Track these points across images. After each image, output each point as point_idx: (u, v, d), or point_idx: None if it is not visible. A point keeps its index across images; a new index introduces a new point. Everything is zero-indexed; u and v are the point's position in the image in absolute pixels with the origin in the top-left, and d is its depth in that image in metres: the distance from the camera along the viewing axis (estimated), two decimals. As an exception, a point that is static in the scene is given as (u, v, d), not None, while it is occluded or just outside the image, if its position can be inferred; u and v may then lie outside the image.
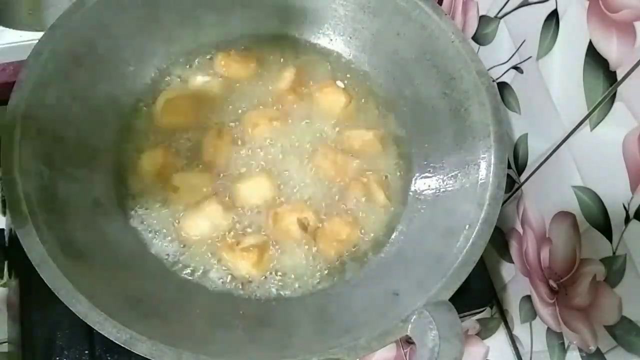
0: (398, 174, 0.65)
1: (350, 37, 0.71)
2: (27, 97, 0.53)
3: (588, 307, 0.56)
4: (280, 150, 0.64)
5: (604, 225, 0.52)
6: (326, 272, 0.59)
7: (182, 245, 0.58)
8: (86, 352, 0.55)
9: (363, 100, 0.69)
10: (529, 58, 0.59)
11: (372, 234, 0.61)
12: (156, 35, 0.66)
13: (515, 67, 0.62)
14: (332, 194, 0.62)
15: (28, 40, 0.68)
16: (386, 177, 0.64)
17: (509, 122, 0.65)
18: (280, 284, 0.57)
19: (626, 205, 0.49)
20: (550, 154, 0.58)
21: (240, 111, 0.66)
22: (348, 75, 0.70)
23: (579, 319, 0.57)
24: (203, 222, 0.58)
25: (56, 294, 0.45)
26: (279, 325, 0.54)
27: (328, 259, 0.59)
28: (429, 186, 0.63)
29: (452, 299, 0.49)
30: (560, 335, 0.61)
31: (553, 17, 0.54)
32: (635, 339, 0.50)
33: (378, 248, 0.60)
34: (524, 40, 0.59)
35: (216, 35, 0.70)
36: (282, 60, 0.70)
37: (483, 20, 0.67)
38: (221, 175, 0.62)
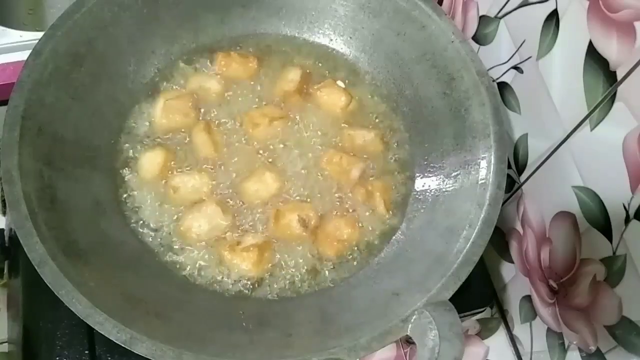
0: (398, 174, 0.65)
1: (350, 37, 0.71)
2: (27, 97, 0.53)
3: (588, 307, 0.56)
4: (281, 150, 0.64)
5: (604, 225, 0.52)
6: (326, 272, 0.59)
7: (182, 245, 0.58)
8: (86, 352, 0.55)
9: (363, 100, 0.69)
10: (529, 58, 0.59)
11: (372, 234, 0.61)
12: (156, 35, 0.66)
13: (515, 67, 0.62)
14: (334, 194, 0.62)
15: (28, 40, 0.68)
16: (387, 180, 0.64)
17: (509, 122, 0.65)
18: (280, 283, 0.57)
19: (626, 205, 0.49)
20: (550, 154, 0.58)
21: (240, 111, 0.66)
22: (348, 75, 0.70)
23: (579, 319, 0.57)
24: (203, 222, 0.58)
25: (56, 294, 0.45)
26: (279, 325, 0.54)
27: (328, 259, 0.59)
28: (429, 186, 0.63)
29: (452, 299, 0.49)
30: (560, 335, 0.61)
31: (553, 17, 0.54)
32: (635, 339, 0.50)
33: (378, 248, 0.60)
34: (524, 40, 0.59)
35: (216, 35, 0.70)
36: (282, 60, 0.70)
37: (483, 20, 0.67)
38: (221, 175, 0.62)
